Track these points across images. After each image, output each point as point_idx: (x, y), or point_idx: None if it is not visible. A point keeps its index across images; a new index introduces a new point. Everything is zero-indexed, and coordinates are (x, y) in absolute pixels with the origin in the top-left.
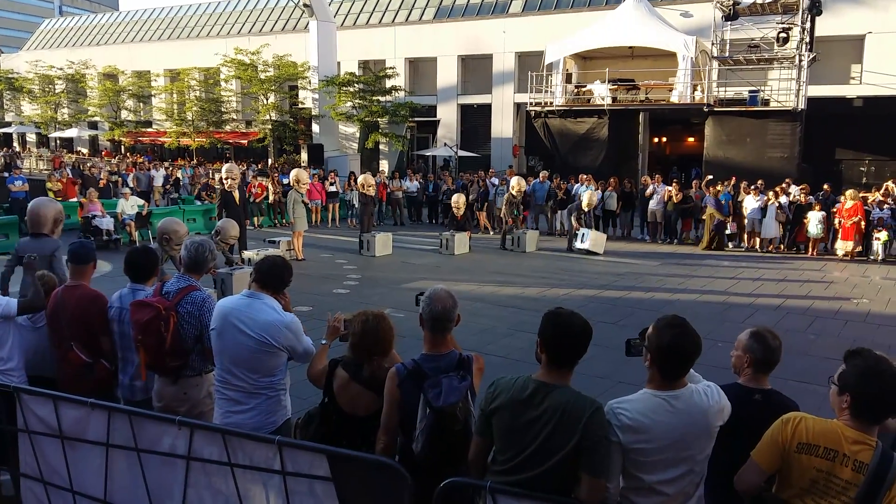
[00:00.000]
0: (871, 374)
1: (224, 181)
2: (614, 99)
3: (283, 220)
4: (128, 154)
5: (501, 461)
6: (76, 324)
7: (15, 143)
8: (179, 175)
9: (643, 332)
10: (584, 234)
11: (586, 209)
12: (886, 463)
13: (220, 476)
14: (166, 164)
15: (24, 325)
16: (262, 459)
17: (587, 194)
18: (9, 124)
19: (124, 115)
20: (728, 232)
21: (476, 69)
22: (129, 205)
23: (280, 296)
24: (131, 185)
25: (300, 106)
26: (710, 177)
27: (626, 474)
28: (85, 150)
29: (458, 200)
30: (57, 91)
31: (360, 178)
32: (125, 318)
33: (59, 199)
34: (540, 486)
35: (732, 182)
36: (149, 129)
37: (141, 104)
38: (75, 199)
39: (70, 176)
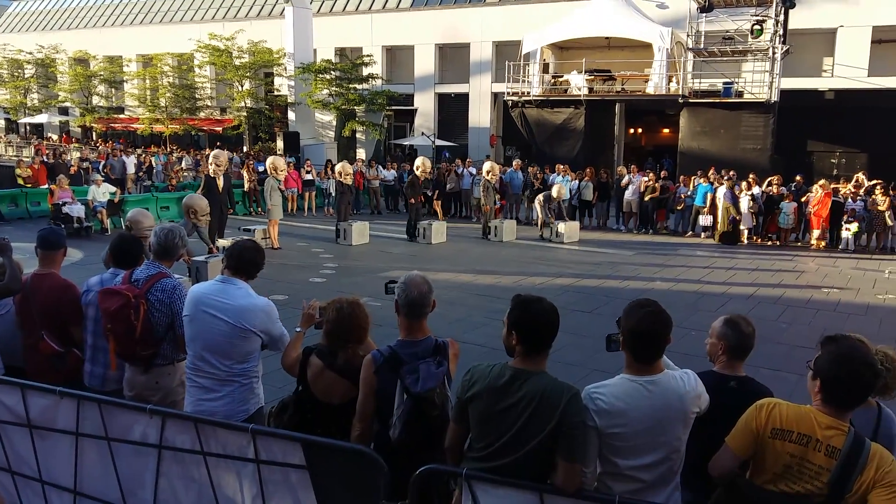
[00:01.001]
0: (842, 359)
1: (209, 167)
2: (591, 89)
3: (259, 209)
4: (100, 141)
5: (478, 448)
6: (47, 313)
7: None
8: (153, 162)
9: (619, 321)
10: (557, 231)
11: (555, 199)
12: (858, 448)
13: (192, 465)
14: (139, 150)
15: None
16: (235, 448)
17: (557, 186)
18: None
19: (96, 100)
20: (702, 224)
21: (453, 58)
22: (101, 192)
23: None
24: (103, 172)
25: (276, 93)
26: (732, 172)
27: (603, 459)
28: (55, 136)
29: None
30: (26, 76)
31: (338, 167)
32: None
33: (29, 185)
34: (516, 472)
35: (711, 171)
36: (121, 116)
37: (113, 90)
38: (45, 186)
39: (42, 162)
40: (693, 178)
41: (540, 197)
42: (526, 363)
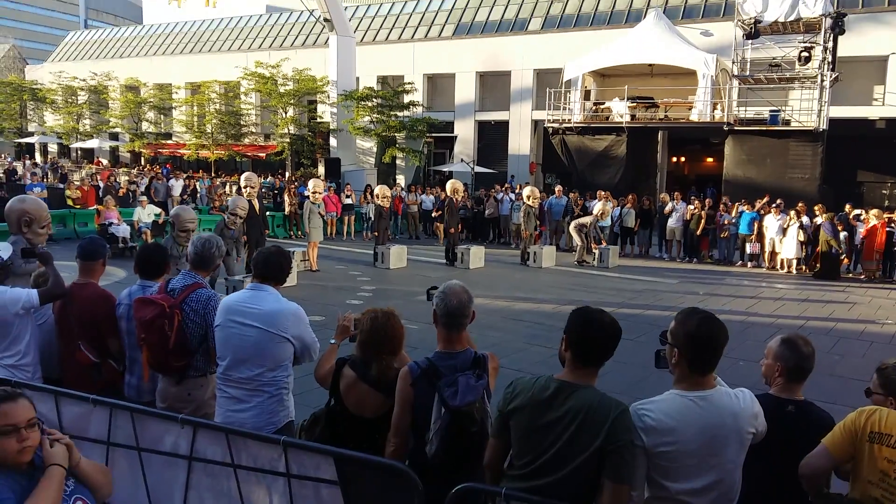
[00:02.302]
0: None
1: (243, 189)
2: (633, 116)
3: (300, 232)
4: (147, 165)
5: (519, 465)
6: (84, 323)
7: (36, 153)
8: (197, 186)
9: (664, 334)
10: (598, 257)
11: (598, 220)
12: None
13: (222, 477)
14: (184, 175)
15: None
16: (266, 461)
17: (600, 204)
18: (31, 134)
19: (145, 126)
20: (749, 252)
21: (494, 86)
22: (146, 213)
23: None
24: (148, 194)
25: (318, 120)
26: (780, 201)
27: (651, 482)
28: (105, 161)
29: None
30: (79, 102)
31: (377, 189)
32: (133, 315)
33: (78, 206)
34: (558, 492)
35: (765, 200)
36: (169, 141)
37: (161, 116)
38: (93, 207)
39: (90, 184)
40: (736, 205)
41: (574, 223)
42: (573, 376)
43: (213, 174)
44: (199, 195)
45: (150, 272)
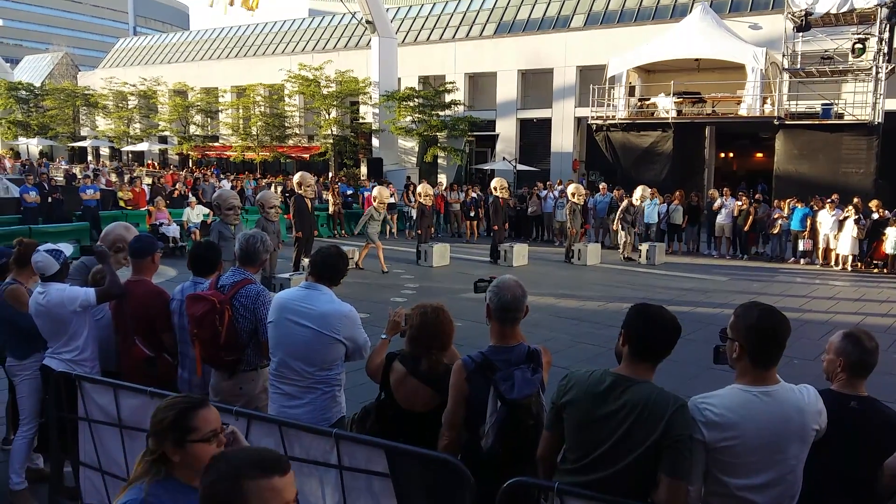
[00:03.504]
0: None
1: (297, 187)
2: (679, 112)
3: (342, 231)
4: (195, 167)
5: (572, 459)
6: (139, 318)
7: (89, 157)
8: (244, 187)
9: (723, 331)
10: (648, 252)
11: (637, 203)
12: None
13: None
14: (231, 176)
15: None
16: (318, 453)
17: (640, 188)
18: (84, 138)
19: (192, 129)
20: (801, 249)
21: (536, 83)
22: (195, 213)
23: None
24: (196, 195)
25: (361, 121)
26: (836, 196)
27: (710, 478)
28: (155, 163)
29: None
30: (129, 107)
31: (420, 188)
32: (185, 311)
33: (130, 207)
34: (613, 487)
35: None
36: (215, 144)
37: (208, 119)
38: (145, 209)
39: (142, 186)
40: (788, 201)
41: (618, 215)
42: (631, 370)
43: (258, 175)
44: (245, 196)
45: (203, 269)
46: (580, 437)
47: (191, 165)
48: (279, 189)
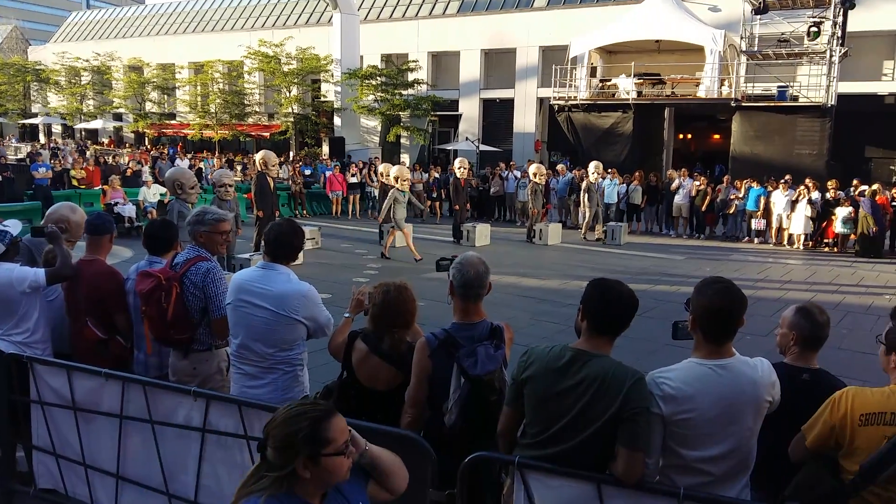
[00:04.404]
0: None
1: (262, 166)
2: (639, 93)
3: (304, 211)
4: (151, 145)
5: (532, 434)
6: (91, 299)
7: (40, 134)
8: (202, 166)
9: (687, 302)
10: (612, 232)
11: (594, 179)
12: None
13: (235, 449)
14: (189, 155)
15: None
16: None
17: (594, 164)
18: (35, 115)
19: (149, 107)
20: (756, 228)
21: (499, 63)
22: (151, 193)
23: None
24: (153, 174)
25: (322, 99)
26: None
27: (667, 450)
28: (107, 141)
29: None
30: (83, 83)
31: (394, 171)
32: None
33: (83, 186)
34: (572, 460)
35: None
36: (172, 122)
37: (165, 96)
38: (99, 188)
39: (96, 164)
40: (744, 181)
41: (583, 196)
42: (589, 345)
43: (217, 154)
44: (203, 175)
45: (158, 248)
46: (540, 411)
47: (147, 143)
48: (239, 168)
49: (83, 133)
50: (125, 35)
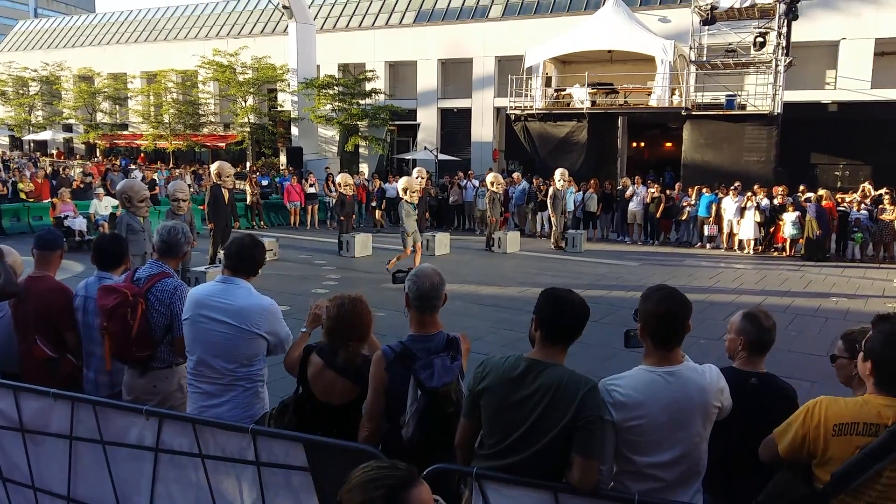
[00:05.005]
0: (891, 339)
1: (216, 177)
2: (593, 103)
3: (262, 223)
4: (102, 157)
5: (489, 445)
6: (40, 317)
7: None
8: (155, 177)
9: (636, 315)
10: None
11: (560, 186)
12: None
13: (190, 468)
14: (142, 166)
15: None
16: (235, 450)
17: (558, 173)
18: None
19: (100, 117)
20: (707, 234)
21: (456, 73)
22: (103, 205)
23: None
24: (104, 186)
25: (279, 108)
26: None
27: (620, 456)
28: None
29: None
30: (31, 93)
31: (339, 178)
32: (90, 307)
33: (32, 199)
34: (529, 469)
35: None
36: (125, 132)
37: (117, 106)
38: (48, 201)
39: (45, 176)
40: (696, 188)
41: (549, 203)
42: (543, 354)
43: (171, 165)
44: (157, 186)
45: (108, 263)
46: (497, 422)
47: (98, 154)
48: (193, 178)
49: (32, 145)
50: (75, 44)
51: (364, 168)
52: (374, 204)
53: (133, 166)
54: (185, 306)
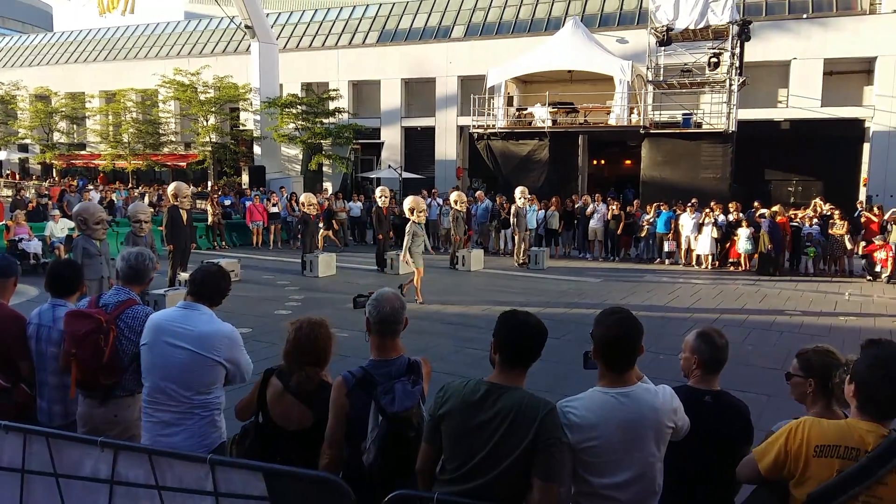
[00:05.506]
0: (878, 364)
1: (172, 198)
2: (554, 121)
3: (223, 243)
4: (61, 178)
5: (451, 469)
6: None
7: None
8: (114, 198)
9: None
10: (536, 257)
11: (521, 204)
12: (895, 448)
13: (146, 500)
14: (100, 187)
15: None
16: (192, 480)
17: (520, 190)
18: None
19: (57, 137)
20: (667, 250)
21: (420, 92)
22: (59, 227)
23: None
24: (61, 207)
25: (241, 128)
26: (695, 200)
27: (576, 477)
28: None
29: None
30: None
31: (302, 198)
32: (42, 335)
33: None
34: (490, 494)
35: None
36: (82, 152)
37: (74, 126)
38: (2, 223)
39: None
40: (655, 205)
41: (512, 221)
42: (502, 378)
43: (130, 185)
44: (116, 207)
45: (62, 290)
46: (458, 446)
47: (55, 175)
48: (153, 199)
49: None
50: (31, 63)
51: (328, 186)
52: (321, 224)
53: (91, 186)
54: (144, 331)
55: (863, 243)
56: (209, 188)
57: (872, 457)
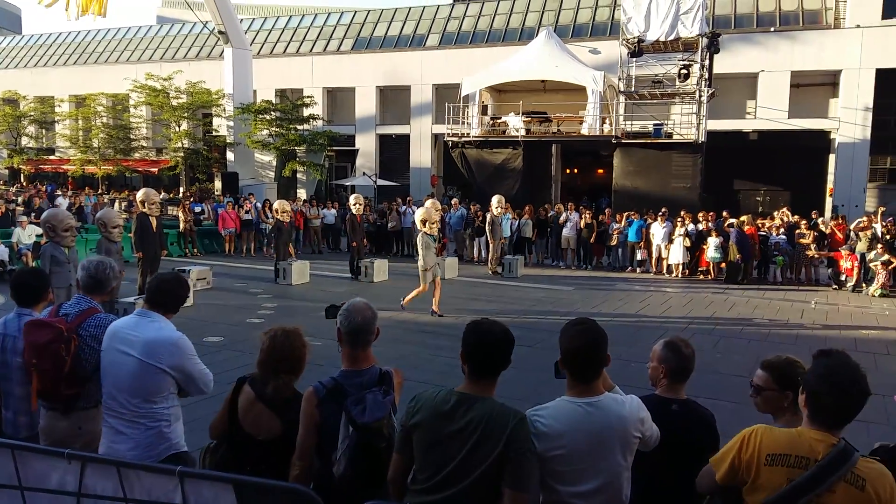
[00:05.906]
0: (827, 374)
1: (140, 205)
2: (528, 131)
3: (195, 250)
4: (29, 184)
5: (422, 479)
6: None
7: None
8: (83, 203)
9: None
10: (509, 265)
11: (497, 213)
12: (842, 458)
13: None
14: (69, 192)
15: None
16: (161, 493)
17: (494, 200)
18: None
19: (25, 141)
20: (638, 258)
21: (394, 100)
22: (27, 234)
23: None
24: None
25: (214, 133)
26: (665, 209)
27: (544, 486)
28: None
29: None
30: None
31: (276, 204)
32: (8, 345)
33: None
34: (461, 503)
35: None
36: (51, 157)
37: (43, 131)
38: None
39: None
40: (626, 214)
41: (487, 229)
42: (472, 388)
43: (100, 190)
44: (85, 213)
45: (28, 299)
46: (429, 457)
47: (23, 180)
48: (124, 205)
49: None
50: None
51: (302, 193)
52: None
53: (59, 193)
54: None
55: (825, 252)
56: (181, 194)
57: (822, 465)
